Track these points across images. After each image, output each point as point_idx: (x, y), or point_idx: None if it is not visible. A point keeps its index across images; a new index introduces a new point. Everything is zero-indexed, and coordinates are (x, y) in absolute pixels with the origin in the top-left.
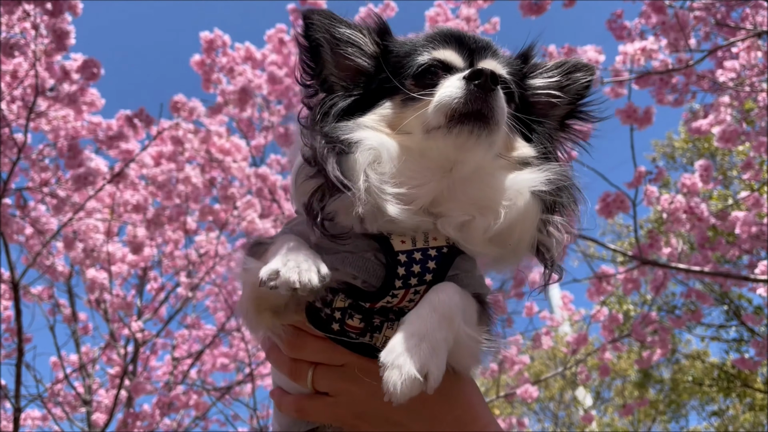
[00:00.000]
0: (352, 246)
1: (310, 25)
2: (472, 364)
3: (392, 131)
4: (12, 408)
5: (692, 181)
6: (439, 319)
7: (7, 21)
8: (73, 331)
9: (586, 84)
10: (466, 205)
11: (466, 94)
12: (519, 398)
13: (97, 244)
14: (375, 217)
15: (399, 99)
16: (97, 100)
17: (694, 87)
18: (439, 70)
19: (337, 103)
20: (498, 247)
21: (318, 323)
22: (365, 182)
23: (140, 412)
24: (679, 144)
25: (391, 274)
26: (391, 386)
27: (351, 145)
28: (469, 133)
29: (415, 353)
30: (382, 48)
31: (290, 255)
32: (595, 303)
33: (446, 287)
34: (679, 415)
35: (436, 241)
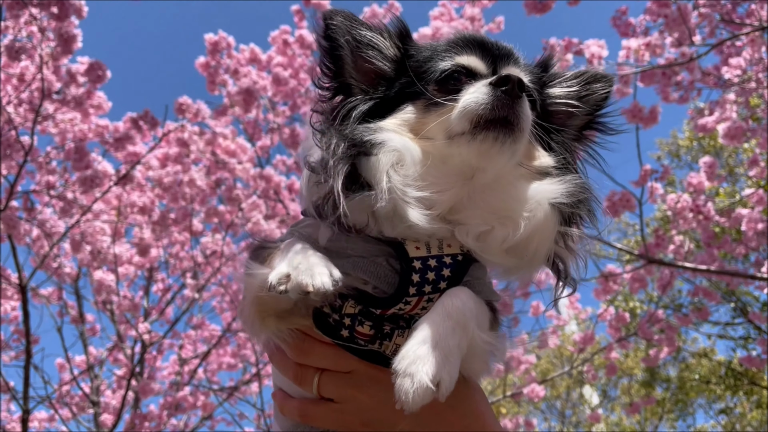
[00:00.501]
0: (363, 250)
1: (331, 26)
2: (482, 371)
3: (414, 136)
4: (20, 409)
5: (698, 180)
6: (453, 326)
7: (13, 25)
8: (81, 333)
9: (605, 95)
10: (486, 213)
11: (493, 100)
12: (526, 397)
13: (104, 246)
14: (392, 221)
15: (421, 104)
16: (104, 103)
17: (699, 84)
18: (462, 75)
19: (357, 106)
20: (514, 257)
21: (326, 329)
22: (388, 183)
23: (147, 413)
24: (684, 142)
25: (405, 281)
26: (403, 395)
27: (374, 146)
28: (494, 140)
29: (427, 361)
30: (403, 52)
31: (300, 258)
32: (602, 302)
33: (460, 292)
34: (686, 413)
35: (450, 248)
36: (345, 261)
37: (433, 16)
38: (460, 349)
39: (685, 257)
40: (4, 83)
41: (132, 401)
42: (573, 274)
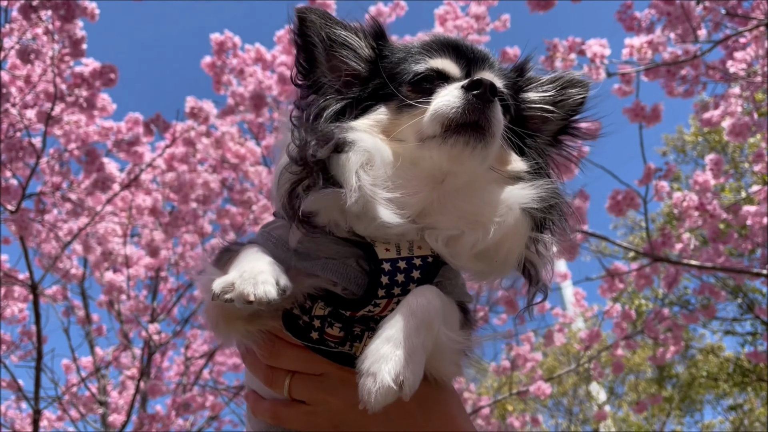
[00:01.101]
0: (333, 252)
1: (305, 24)
2: (453, 373)
3: (386, 137)
4: (31, 409)
5: (704, 178)
6: (417, 324)
7: (18, 27)
8: (87, 333)
9: (581, 100)
10: (456, 218)
11: (464, 104)
12: (532, 395)
13: (115, 248)
14: (362, 220)
15: (394, 105)
16: (108, 105)
17: (704, 78)
18: (435, 78)
19: (329, 105)
20: (484, 262)
21: (296, 331)
22: (357, 182)
23: (155, 413)
24: (690, 138)
25: (374, 283)
26: (366, 394)
27: (345, 144)
28: (465, 145)
29: (390, 360)
30: (378, 52)
31: (247, 266)
32: (608, 299)
33: (425, 291)
34: (693, 410)
35: (420, 250)
36: (314, 262)
37: (438, 15)
38: (424, 348)
39: (691, 254)
40: (11, 85)
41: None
42: (544, 280)
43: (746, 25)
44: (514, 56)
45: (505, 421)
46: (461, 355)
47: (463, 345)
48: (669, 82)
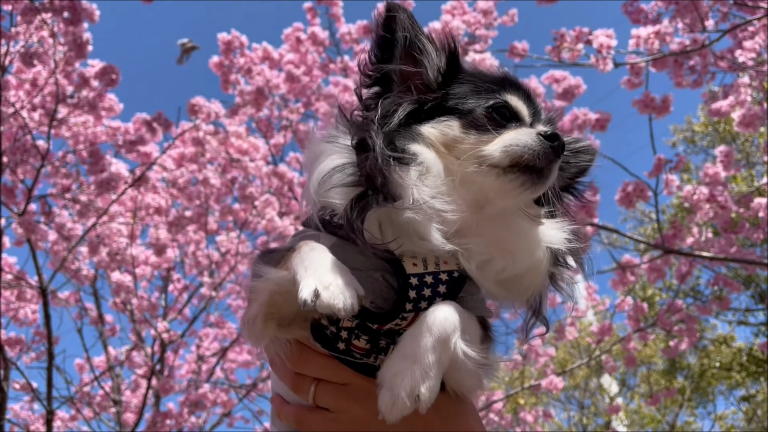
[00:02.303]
0: (360, 263)
1: (393, 18)
2: (474, 387)
3: (446, 151)
4: (44, 409)
5: (714, 170)
6: (433, 341)
7: (24, 30)
8: (101, 333)
9: (587, 166)
10: (489, 243)
11: (541, 151)
12: (544, 389)
13: (121, 248)
14: (404, 234)
15: (464, 123)
16: (115, 105)
17: (713, 68)
18: (508, 114)
19: (401, 103)
20: (505, 289)
21: (322, 340)
22: (417, 194)
23: (168, 411)
24: (699, 128)
25: (401, 297)
26: (383, 406)
27: (410, 155)
28: (521, 184)
29: (406, 375)
30: (450, 68)
31: (327, 274)
32: (619, 292)
33: (444, 307)
34: (706, 401)
35: (446, 265)
36: None
37: (445, 10)
38: (440, 364)
39: (703, 246)
40: (17, 88)
41: (152, 399)
42: (545, 314)
43: (755, 13)
44: (522, 50)
45: (518, 416)
46: (482, 370)
47: (482, 361)
48: (677, 73)
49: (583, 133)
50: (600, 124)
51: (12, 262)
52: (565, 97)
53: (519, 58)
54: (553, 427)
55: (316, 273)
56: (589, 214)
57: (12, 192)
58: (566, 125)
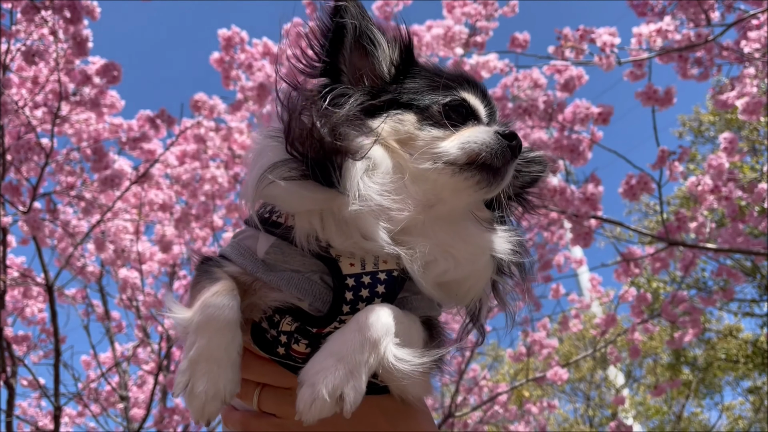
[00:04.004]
0: (299, 264)
1: (341, 8)
2: (418, 393)
3: (397, 146)
4: (52, 406)
5: (718, 161)
6: (362, 341)
7: (25, 28)
8: (107, 330)
9: (538, 177)
10: (433, 244)
11: (499, 149)
12: (549, 381)
13: (127, 245)
14: (344, 232)
15: (418, 118)
16: (117, 102)
17: (718, 60)
18: (465, 111)
19: (351, 94)
20: (444, 293)
21: (262, 344)
22: (363, 188)
23: (175, 406)
24: (707, 117)
25: (338, 299)
26: (302, 405)
27: (359, 150)
28: (476, 183)
29: (330, 373)
30: (404, 61)
31: (202, 376)
32: (624, 283)
33: (378, 309)
34: (713, 392)
35: (386, 264)
36: (280, 275)
37: (446, 3)
38: (367, 366)
39: (707, 238)
40: (19, 86)
41: (159, 395)
42: (483, 322)
43: (761, 5)
44: (523, 41)
45: (522, 407)
46: (427, 373)
47: (419, 366)
48: (683, 66)
49: (585, 127)
50: (602, 117)
51: (19, 261)
52: (567, 88)
53: (520, 49)
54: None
55: (194, 367)
56: (593, 208)
57: (17, 190)
58: (568, 117)
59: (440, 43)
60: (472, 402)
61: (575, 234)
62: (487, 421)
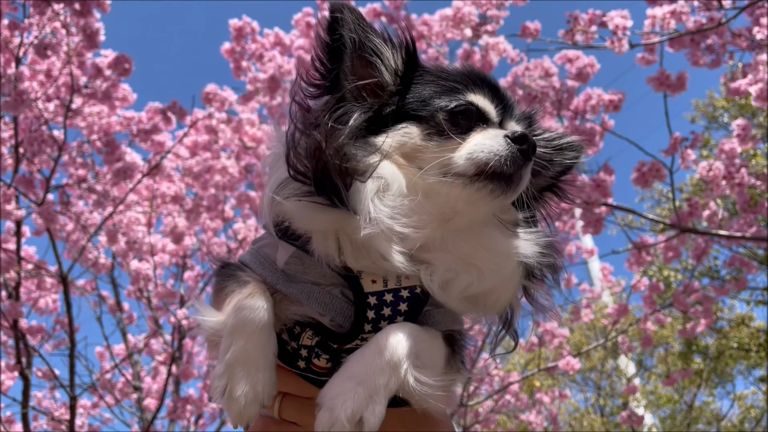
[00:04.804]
0: (319, 275)
1: (338, 21)
2: (443, 408)
3: (405, 162)
4: (67, 397)
5: (730, 146)
6: (382, 365)
7: (37, 21)
8: (119, 321)
9: (572, 164)
10: (454, 258)
11: (508, 156)
12: (560, 370)
13: (139, 236)
14: (360, 252)
15: (422, 129)
16: (128, 95)
17: (731, 47)
18: (473, 115)
19: (353, 112)
20: (472, 305)
21: (283, 356)
22: (374, 212)
23: (188, 396)
24: (721, 102)
25: (359, 318)
26: (320, 427)
27: (365, 168)
28: (490, 192)
29: (349, 397)
30: (407, 68)
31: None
32: (636, 273)
33: (399, 330)
34: (725, 381)
35: (408, 281)
36: (300, 288)
37: None
38: (387, 389)
39: (720, 225)
40: (32, 79)
41: (173, 386)
42: (516, 327)
43: None
44: (534, 30)
45: (533, 397)
46: (448, 388)
47: (440, 386)
48: (694, 52)
49: (597, 115)
50: (614, 105)
51: (31, 252)
52: (579, 78)
53: (531, 38)
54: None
55: (232, 370)
56: (603, 195)
57: (30, 182)
58: (580, 106)
59: (449, 25)
60: (483, 391)
61: (586, 221)
62: (498, 410)
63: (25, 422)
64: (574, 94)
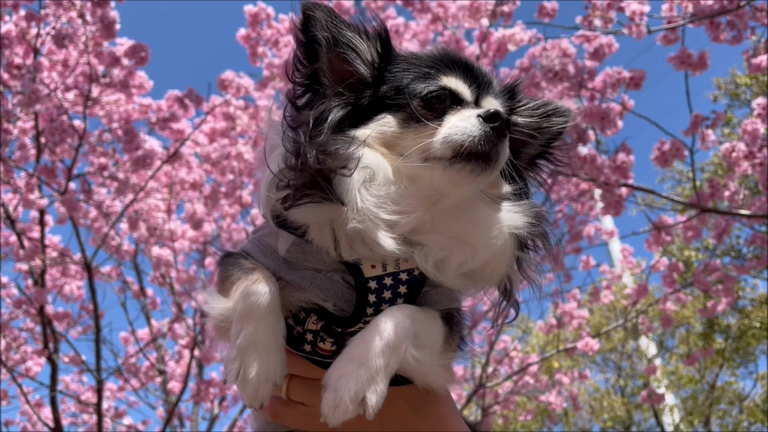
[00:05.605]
0: (320, 262)
1: (311, 20)
2: (440, 384)
3: (387, 151)
4: (94, 380)
5: (753, 126)
6: (383, 346)
7: (54, 12)
8: (143, 306)
9: (561, 129)
10: (446, 238)
11: (481, 135)
12: (580, 351)
13: (159, 223)
14: (354, 242)
15: (401, 117)
16: (145, 83)
17: (752, 22)
18: (447, 98)
19: (331, 109)
20: (469, 280)
21: (289, 340)
22: (361, 203)
23: (211, 379)
24: (743, 80)
25: (361, 302)
26: (326, 409)
27: (347, 160)
28: (470, 172)
29: (352, 378)
30: (382, 57)
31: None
32: (655, 253)
33: (397, 311)
34: (747, 361)
35: (406, 264)
36: (302, 274)
37: None
38: (387, 369)
39: (741, 205)
40: (50, 70)
41: (196, 369)
42: (517, 298)
43: None
44: (551, 10)
45: (553, 378)
46: (447, 365)
47: (439, 363)
48: (714, 30)
49: (617, 93)
50: (635, 83)
51: (55, 240)
52: (596, 57)
53: (548, 18)
54: (590, 389)
55: (244, 353)
56: (623, 176)
57: (52, 172)
58: (599, 85)
59: (466, 15)
60: (503, 373)
61: (605, 203)
62: (517, 391)
63: (53, 405)
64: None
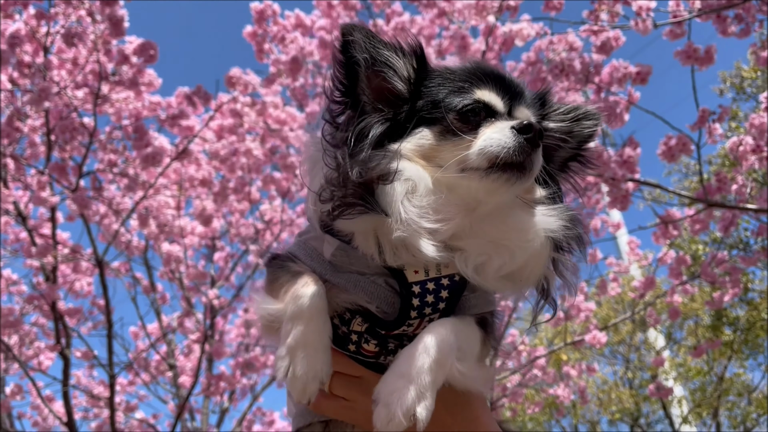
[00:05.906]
0: (364, 265)
1: (350, 42)
2: (477, 387)
3: (426, 163)
4: (106, 375)
5: (760, 120)
6: (430, 363)
7: (63, 11)
8: (153, 302)
9: (592, 132)
10: (484, 243)
11: (515, 146)
12: (587, 344)
13: (169, 219)
14: (398, 250)
15: (437, 131)
16: (154, 80)
17: (761, 15)
18: (481, 111)
19: (372, 125)
20: (508, 282)
21: (335, 339)
22: (405, 214)
23: (221, 373)
24: (749, 74)
25: (405, 306)
26: (379, 423)
27: (389, 174)
28: (506, 181)
29: (403, 395)
30: (418, 73)
31: (302, 360)
32: (663, 246)
33: (441, 327)
34: (756, 353)
35: (447, 269)
36: (347, 276)
37: None
38: (435, 385)
39: (748, 197)
40: (60, 68)
41: (206, 363)
42: (554, 296)
43: None
44: (558, 4)
45: (561, 370)
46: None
47: (477, 376)
48: (721, 24)
49: (623, 87)
50: (641, 77)
51: (66, 237)
52: (603, 50)
53: (555, 11)
54: (598, 381)
55: (294, 352)
56: (630, 170)
57: (63, 169)
58: (605, 78)
59: (472, 12)
60: (511, 365)
61: (612, 197)
62: (525, 384)
63: (65, 400)
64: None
